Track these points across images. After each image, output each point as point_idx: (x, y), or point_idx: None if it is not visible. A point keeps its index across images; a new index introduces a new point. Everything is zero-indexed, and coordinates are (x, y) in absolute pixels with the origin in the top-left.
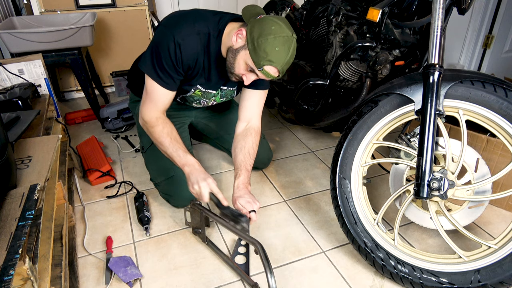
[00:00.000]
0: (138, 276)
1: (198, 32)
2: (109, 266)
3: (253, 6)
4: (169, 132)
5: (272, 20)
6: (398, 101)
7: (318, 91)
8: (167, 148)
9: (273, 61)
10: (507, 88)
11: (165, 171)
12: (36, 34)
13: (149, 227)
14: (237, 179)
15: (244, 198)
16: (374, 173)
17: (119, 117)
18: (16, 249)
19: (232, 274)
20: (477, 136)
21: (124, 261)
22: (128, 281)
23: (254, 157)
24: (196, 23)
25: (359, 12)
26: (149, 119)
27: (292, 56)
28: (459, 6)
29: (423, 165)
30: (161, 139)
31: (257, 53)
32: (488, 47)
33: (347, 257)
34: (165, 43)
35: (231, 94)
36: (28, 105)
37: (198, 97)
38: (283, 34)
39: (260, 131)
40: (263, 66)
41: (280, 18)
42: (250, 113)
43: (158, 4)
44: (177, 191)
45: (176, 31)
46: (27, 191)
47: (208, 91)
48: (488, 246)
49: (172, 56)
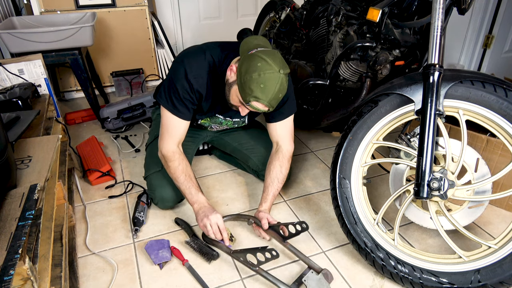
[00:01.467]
0: (167, 259)
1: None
2: (145, 249)
3: (254, 38)
4: (184, 169)
5: (259, 57)
6: (398, 101)
7: (318, 91)
8: (181, 184)
9: (259, 97)
10: (507, 88)
11: (154, 165)
12: (36, 34)
13: (139, 229)
14: (263, 204)
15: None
16: (374, 173)
17: (119, 117)
18: (16, 249)
19: (232, 274)
20: (477, 136)
21: (160, 244)
22: (159, 263)
23: (282, 181)
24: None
25: (359, 12)
26: (166, 152)
27: (280, 91)
28: (459, 6)
29: (423, 165)
30: (176, 175)
31: (243, 90)
32: (488, 47)
33: (347, 257)
34: (178, 80)
35: (243, 121)
36: (28, 105)
37: (208, 123)
38: (269, 71)
39: (291, 154)
40: (249, 102)
41: (269, 53)
42: (277, 137)
43: (158, 4)
44: (161, 184)
45: (188, 66)
46: (27, 191)
47: (217, 116)
48: (488, 246)
49: (186, 88)
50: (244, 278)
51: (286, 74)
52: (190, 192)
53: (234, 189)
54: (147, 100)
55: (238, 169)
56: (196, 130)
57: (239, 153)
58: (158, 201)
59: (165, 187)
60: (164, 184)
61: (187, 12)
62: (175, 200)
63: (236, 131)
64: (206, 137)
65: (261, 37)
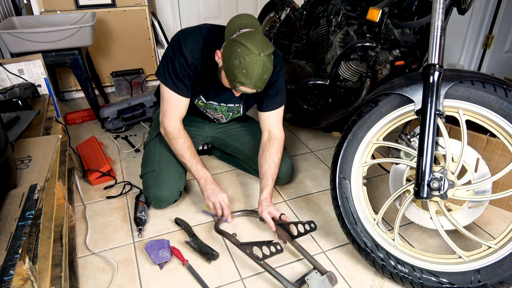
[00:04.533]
0: (167, 259)
1: (201, 47)
2: (145, 249)
3: (238, 18)
4: (189, 145)
5: (239, 42)
6: (398, 101)
7: (318, 91)
8: (187, 161)
9: (244, 82)
10: (507, 88)
11: (150, 164)
12: (36, 34)
13: (143, 228)
14: (264, 190)
15: (272, 207)
16: (374, 173)
17: (119, 117)
18: (16, 249)
19: (232, 274)
20: (477, 136)
21: (160, 244)
22: (159, 263)
23: (278, 166)
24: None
25: (359, 12)
26: (172, 129)
27: (265, 72)
28: (459, 6)
29: (423, 165)
30: (182, 151)
31: (228, 76)
32: (488, 47)
33: (347, 257)
34: (175, 55)
35: (237, 110)
36: (28, 105)
37: (203, 107)
38: (249, 56)
39: (283, 140)
40: (236, 87)
41: (249, 36)
42: (270, 125)
43: (158, 4)
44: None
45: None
46: (27, 191)
47: (210, 102)
48: (488, 246)
49: (182, 63)
50: (244, 278)
51: (268, 55)
52: (197, 168)
53: (234, 189)
54: (147, 100)
55: (238, 169)
56: (196, 129)
57: (241, 154)
58: (152, 200)
59: (160, 187)
60: (159, 184)
61: (187, 12)
62: (169, 201)
63: (237, 131)
64: (207, 138)
65: (246, 15)
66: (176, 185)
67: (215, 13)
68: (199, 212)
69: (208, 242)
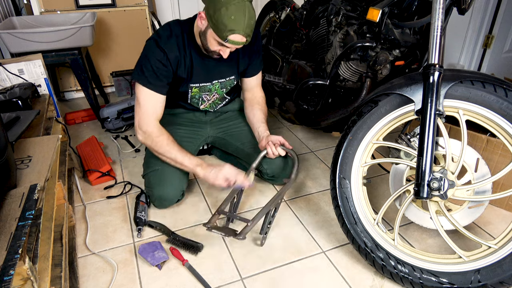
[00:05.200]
0: (165, 258)
1: (175, 35)
2: (139, 253)
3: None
4: (173, 139)
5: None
6: (398, 101)
7: (318, 91)
8: (177, 155)
9: (234, 29)
10: (507, 88)
11: (153, 164)
12: (36, 34)
13: (142, 228)
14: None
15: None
16: (374, 173)
17: (119, 117)
18: (16, 249)
19: (232, 274)
20: (477, 136)
21: (153, 246)
22: (157, 264)
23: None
24: (173, 28)
25: (359, 12)
26: (152, 129)
27: (251, 18)
28: (459, 6)
29: (423, 165)
30: (168, 147)
31: (218, 28)
32: (488, 47)
33: (347, 257)
34: (150, 51)
35: (230, 84)
36: (28, 105)
37: (198, 94)
38: (234, 1)
39: (264, 98)
40: (227, 37)
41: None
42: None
43: (158, 4)
44: (160, 183)
45: (157, 39)
46: (27, 191)
47: (203, 84)
48: (488, 246)
49: (160, 58)
50: (244, 278)
51: (250, 0)
52: (189, 158)
53: None
54: None
55: None
56: (197, 129)
57: (242, 153)
58: (156, 199)
59: (164, 186)
60: (162, 182)
61: (187, 12)
62: (172, 200)
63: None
64: (208, 138)
65: None
66: (179, 184)
67: None
68: (198, 212)
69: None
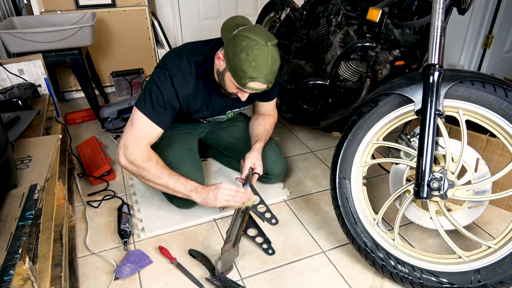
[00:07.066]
0: (150, 262)
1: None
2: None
3: (231, 20)
4: (163, 164)
5: (242, 36)
6: (398, 101)
7: (318, 91)
8: (168, 180)
9: (254, 77)
10: (507, 88)
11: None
12: (36, 34)
13: (128, 241)
14: (256, 144)
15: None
16: (374, 173)
17: (119, 117)
18: (16, 249)
19: (232, 274)
20: (477, 136)
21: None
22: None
23: (269, 134)
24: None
25: (359, 12)
26: (141, 154)
27: (274, 64)
28: (459, 6)
29: (423, 165)
30: (158, 172)
31: (236, 74)
32: (488, 47)
33: (347, 257)
34: (160, 81)
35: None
36: (28, 105)
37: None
38: (256, 47)
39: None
40: (246, 84)
41: (251, 28)
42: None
43: (158, 4)
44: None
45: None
46: (27, 191)
47: (216, 118)
48: (488, 246)
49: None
50: (244, 278)
51: (274, 45)
52: (182, 183)
53: None
54: None
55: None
56: (192, 125)
57: (234, 149)
58: (179, 203)
59: None
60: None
61: (187, 12)
62: None
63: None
64: (202, 133)
65: (239, 16)
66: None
67: (215, 13)
68: None
69: None
